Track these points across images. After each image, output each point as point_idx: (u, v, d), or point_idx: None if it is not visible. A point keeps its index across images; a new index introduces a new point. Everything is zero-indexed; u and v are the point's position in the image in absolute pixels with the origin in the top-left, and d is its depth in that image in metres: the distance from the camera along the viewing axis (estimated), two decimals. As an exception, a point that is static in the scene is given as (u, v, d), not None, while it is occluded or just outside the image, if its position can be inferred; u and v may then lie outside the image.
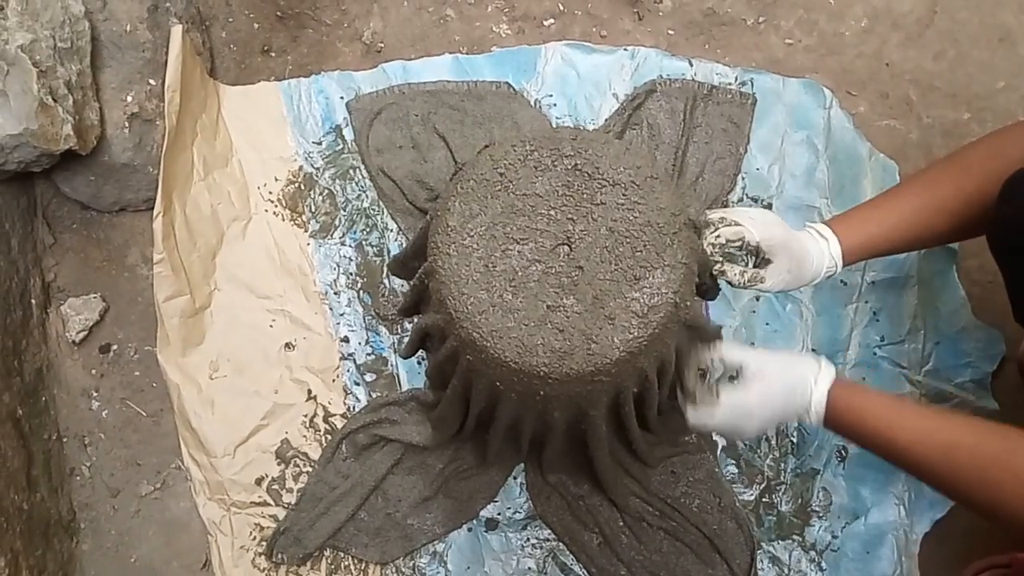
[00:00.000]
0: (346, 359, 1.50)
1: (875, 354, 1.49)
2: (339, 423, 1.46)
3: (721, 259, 1.16)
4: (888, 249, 1.22)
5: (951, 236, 1.21)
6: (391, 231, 1.55)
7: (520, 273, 1.08)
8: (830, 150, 1.57)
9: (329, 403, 1.47)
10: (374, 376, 1.49)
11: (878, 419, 1.04)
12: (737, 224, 1.15)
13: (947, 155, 1.22)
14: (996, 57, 1.62)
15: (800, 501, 1.43)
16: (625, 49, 1.63)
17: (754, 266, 1.18)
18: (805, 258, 1.18)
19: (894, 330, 1.49)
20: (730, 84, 1.61)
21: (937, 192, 1.16)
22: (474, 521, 1.42)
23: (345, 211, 1.56)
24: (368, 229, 1.55)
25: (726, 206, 1.55)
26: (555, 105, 1.61)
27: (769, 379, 1.09)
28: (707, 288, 1.22)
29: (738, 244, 1.15)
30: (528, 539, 1.42)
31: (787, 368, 1.10)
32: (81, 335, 1.48)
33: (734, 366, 1.11)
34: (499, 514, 1.43)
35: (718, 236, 1.15)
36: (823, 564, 1.41)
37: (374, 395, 1.48)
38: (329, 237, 1.55)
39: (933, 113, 1.60)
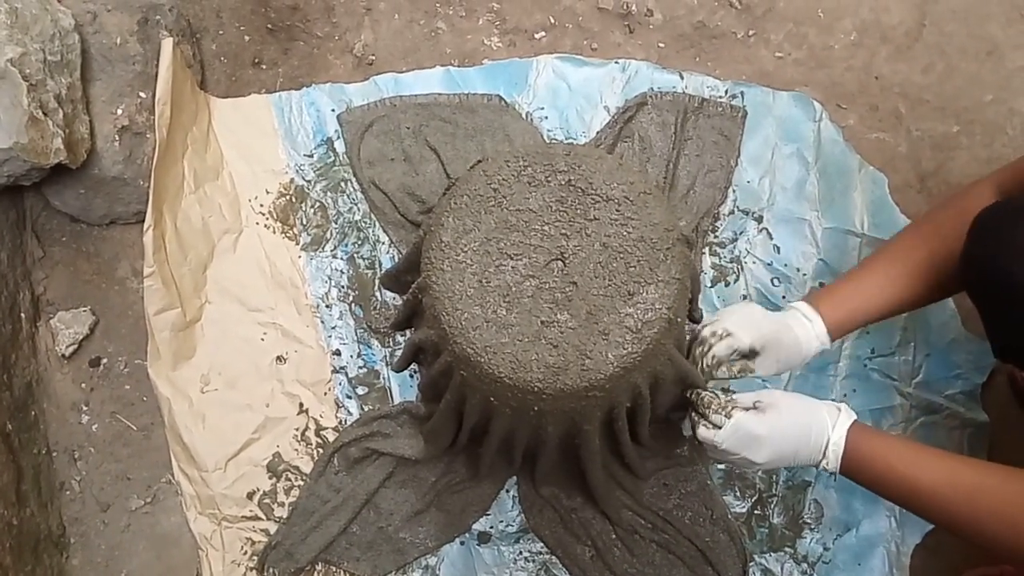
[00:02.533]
0: (338, 372, 1.49)
1: (865, 366, 1.49)
2: (331, 436, 1.46)
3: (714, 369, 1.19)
4: (870, 319, 1.23)
5: (929, 298, 1.22)
6: (383, 244, 1.55)
7: (514, 289, 1.08)
8: (820, 163, 1.58)
9: (321, 416, 1.47)
10: (366, 389, 1.49)
11: (901, 461, 1.04)
12: (728, 335, 1.17)
13: (915, 221, 1.26)
14: (984, 70, 1.63)
15: (792, 513, 1.43)
16: (616, 62, 1.63)
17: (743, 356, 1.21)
18: (795, 346, 1.19)
19: (884, 342, 1.50)
20: (721, 97, 1.62)
21: (910, 259, 1.19)
22: (467, 534, 1.42)
23: (336, 224, 1.56)
24: (360, 242, 1.55)
25: (717, 218, 1.56)
26: (546, 118, 1.61)
27: (781, 411, 1.09)
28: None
29: (733, 355, 1.18)
30: (521, 552, 1.42)
31: (803, 406, 1.10)
32: (71, 349, 1.47)
33: (746, 403, 1.11)
34: (492, 527, 1.43)
35: (713, 357, 1.17)
36: (815, 576, 1.41)
37: (366, 408, 1.47)
38: (320, 250, 1.55)
39: (922, 126, 1.61)
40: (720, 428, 1.09)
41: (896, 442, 1.09)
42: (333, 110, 1.61)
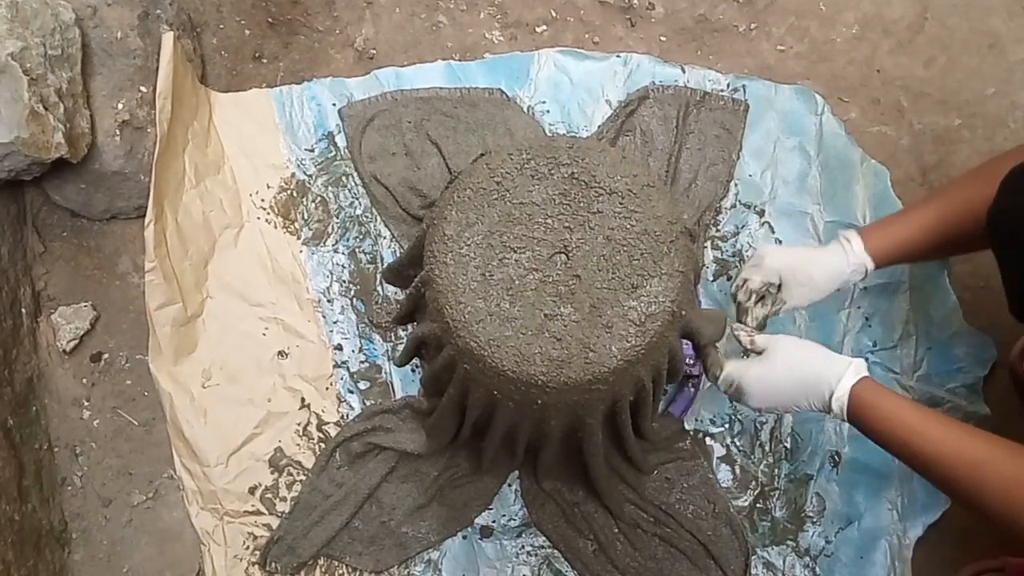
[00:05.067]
0: (340, 367, 1.49)
1: (867, 359, 1.49)
2: (333, 431, 1.46)
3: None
4: (920, 249, 1.24)
5: (978, 240, 1.18)
6: (384, 238, 1.55)
7: (517, 282, 1.08)
8: (822, 156, 1.58)
9: (323, 411, 1.47)
10: (368, 384, 1.49)
11: (907, 426, 1.05)
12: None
13: (977, 167, 1.24)
14: (986, 63, 1.63)
15: (794, 507, 1.43)
16: (618, 55, 1.63)
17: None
18: (813, 265, 1.23)
19: (886, 335, 1.50)
20: (722, 91, 1.62)
21: (963, 196, 1.18)
22: (469, 529, 1.42)
23: (338, 218, 1.56)
24: (361, 236, 1.55)
25: (719, 212, 1.56)
26: (548, 112, 1.61)
27: (775, 363, 1.14)
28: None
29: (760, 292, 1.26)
30: (523, 546, 1.42)
31: (803, 356, 1.14)
32: (72, 344, 1.47)
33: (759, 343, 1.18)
34: (494, 521, 1.43)
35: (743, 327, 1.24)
36: (817, 569, 1.41)
37: (368, 403, 1.47)
38: (322, 244, 1.54)
39: (924, 119, 1.61)
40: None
41: (904, 405, 1.08)
42: (334, 104, 1.61)
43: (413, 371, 1.49)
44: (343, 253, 1.54)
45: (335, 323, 1.51)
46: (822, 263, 1.24)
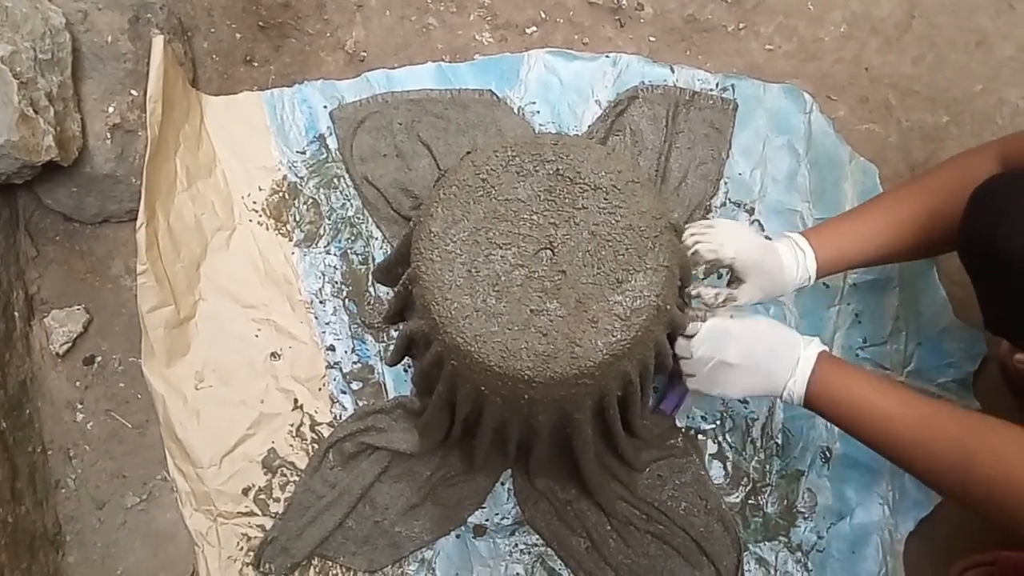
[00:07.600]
0: (332, 368, 1.49)
1: (858, 355, 1.50)
2: (326, 432, 1.46)
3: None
4: (860, 261, 1.25)
5: (919, 251, 1.24)
6: (376, 239, 1.55)
7: (503, 278, 1.08)
8: (811, 154, 1.58)
9: (315, 412, 1.47)
10: (360, 384, 1.49)
11: (863, 385, 1.06)
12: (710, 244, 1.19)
13: (917, 175, 1.26)
14: (973, 61, 1.64)
15: (786, 502, 1.44)
16: (607, 56, 1.64)
17: (728, 283, 1.24)
18: (780, 272, 1.22)
19: (876, 331, 1.50)
20: (711, 90, 1.63)
21: (908, 208, 1.20)
22: (462, 527, 1.42)
23: (330, 220, 1.57)
24: (353, 238, 1.56)
25: (709, 211, 1.56)
26: (538, 112, 1.62)
27: (757, 319, 1.15)
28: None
29: (713, 264, 1.21)
30: (516, 544, 1.42)
31: (777, 324, 1.15)
32: (65, 347, 1.47)
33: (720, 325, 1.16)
34: (487, 520, 1.43)
35: (695, 252, 1.19)
36: (809, 565, 1.41)
37: (361, 403, 1.48)
38: (314, 246, 1.55)
39: (912, 117, 1.61)
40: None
41: (863, 372, 1.10)
42: (325, 107, 1.62)
43: (405, 371, 1.49)
44: (335, 254, 1.55)
45: (327, 324, 1.52)
46: (783, 268, 1.23)
